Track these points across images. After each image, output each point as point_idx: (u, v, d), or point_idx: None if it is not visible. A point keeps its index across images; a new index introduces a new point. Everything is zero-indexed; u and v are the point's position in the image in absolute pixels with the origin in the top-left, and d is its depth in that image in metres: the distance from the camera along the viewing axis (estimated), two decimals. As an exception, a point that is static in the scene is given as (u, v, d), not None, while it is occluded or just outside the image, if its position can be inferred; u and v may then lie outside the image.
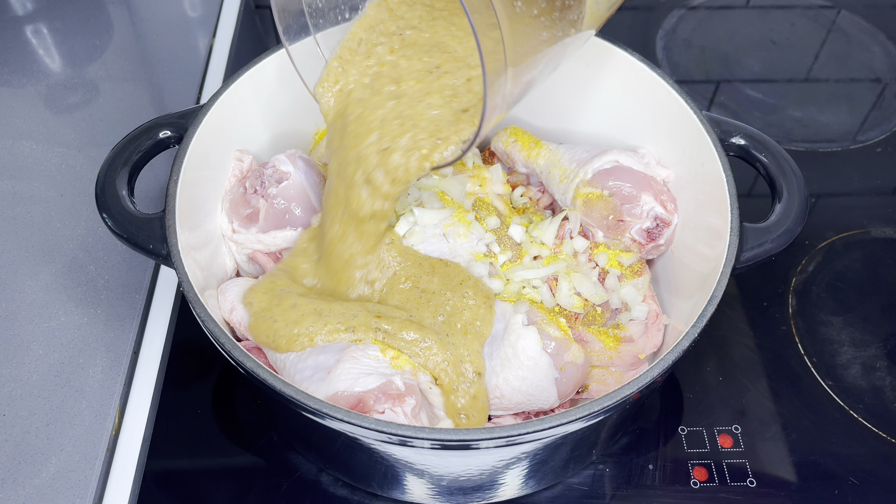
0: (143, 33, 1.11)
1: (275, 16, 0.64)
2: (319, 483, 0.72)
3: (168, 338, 0.80)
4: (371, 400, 0.58)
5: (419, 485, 0.65)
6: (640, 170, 0.75)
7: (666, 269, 0.76)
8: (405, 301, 0.67)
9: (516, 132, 0.82)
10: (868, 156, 1.01)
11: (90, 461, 0.71)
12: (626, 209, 0.73)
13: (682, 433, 0.75)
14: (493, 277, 0.70)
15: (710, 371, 0.80)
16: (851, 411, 0.77)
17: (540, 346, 0.63)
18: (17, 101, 1.00)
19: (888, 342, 0.83)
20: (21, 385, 0.75)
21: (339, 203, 0.64)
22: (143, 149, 0.68)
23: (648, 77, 0.74)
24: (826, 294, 0.86)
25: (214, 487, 0.71)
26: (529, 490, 0.70)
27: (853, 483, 0.72)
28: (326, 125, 0.68)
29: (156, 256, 0.63)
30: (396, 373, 0.61)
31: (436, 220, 0.71)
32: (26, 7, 1.12)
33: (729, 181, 0.66)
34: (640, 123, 0.78)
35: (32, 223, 0.87)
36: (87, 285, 0.82)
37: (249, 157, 0.77)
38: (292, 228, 0.73)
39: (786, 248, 0.64)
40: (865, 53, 1.16)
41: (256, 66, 0.75)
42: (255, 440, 0.74)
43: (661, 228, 0.73)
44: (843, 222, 0.93)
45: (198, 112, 0.70)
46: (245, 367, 0.56)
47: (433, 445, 0.53)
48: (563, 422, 0.53)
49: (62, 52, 1.07)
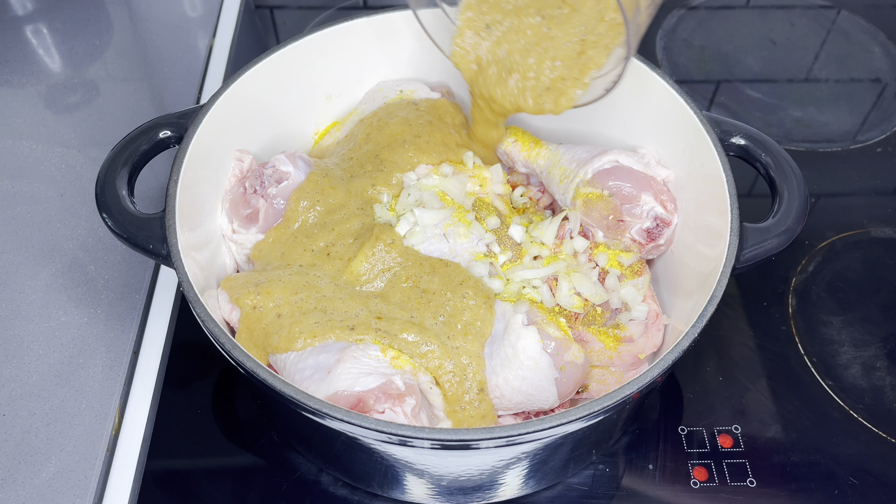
0: (143, 33, 1.11)
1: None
2: (319, 483, 0.72)
3: (168, 338, 0.80)
4: (371, 400, 0.58)
5: (419, 485, 0.65)
6: (640, 170, 0.75)
7: (666, 269, 0.76)
8: (406, 300, 0.67)
9: (516, 132, 0.82)
10: (868, 156, 1.01)
11: (90, 461, 0.71)
12: (626, 209, 0.73)
13: (682, 433, 0.75)
14: (494, 277, 0.70)
15: (710, 371, 0.80)
16: (851, 411, 0.77)
17: (540, 346, 0.63)
18: (17, 101, 1.00)
19: (888, 342, 0.83)
20: (21, 385, 0.75)
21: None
22: (143, 149, 0.68)
23: (648, 77, 0.74)
24: (826, 294, 0.86)
25: (214, 487, 0.71)
26: (529, 490, 0.70)
27: (853, 483, 0.72)
28: (467, 81, 0.76)
29: (156, 256, 0.63)
30: (397, 373, 0.61)
31: (436, 220, 0.71)
32: (26, 7, 1.12)
33: (729, 181, 0.66)
34: (640, 123, 0.78)
35: (32, 223, 0.87)
36: (87, 285, 0.82)
37: (249, 157, 0.77)
38: (292, 228, 0.73)
39: (786, 248, 0.64)
40: (865, 53, 1.16)
41: (256, 66, 0.75)
42: (255, 440, 0.74)
43: (661, 228, 0.73)
44: (843, 222, 0.93)
45: (198, 112, 0.70)
46: (245, 367, 0.56)
47: (433, 445, 0.53)
48: (563, 422, 0.53)
49: (62, 52, 1.07)
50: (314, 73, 0.81)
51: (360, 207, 0.73)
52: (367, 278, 0.68)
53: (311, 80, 0.82)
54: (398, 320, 0.65)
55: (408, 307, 0.66)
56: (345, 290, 0.67)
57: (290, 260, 0.70)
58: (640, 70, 0.75)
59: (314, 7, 1.20)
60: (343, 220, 0.72)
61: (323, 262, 0.70)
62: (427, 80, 0.86)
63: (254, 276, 0.69)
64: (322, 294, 0.67)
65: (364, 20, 0.80)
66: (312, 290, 0.67)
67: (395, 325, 0.64)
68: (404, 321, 0.65)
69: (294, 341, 0.63)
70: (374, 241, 0.69)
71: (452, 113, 0.82)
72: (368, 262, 0.68)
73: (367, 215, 0.73)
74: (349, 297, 0.67)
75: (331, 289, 0.67)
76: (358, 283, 0.68)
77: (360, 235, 0.71)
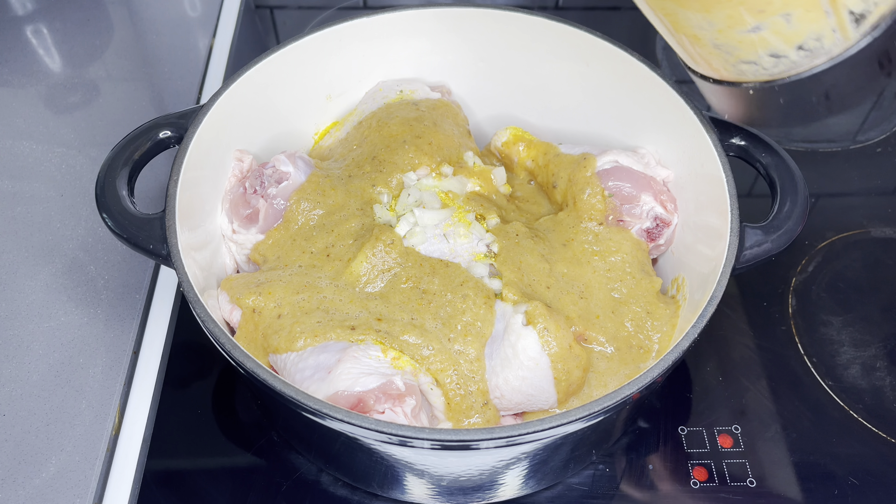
0: (143, 33, 1.11)
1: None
2: (319, 483, 0.72)
3: (168, 338, 0.80)
4: (371, 400, 0.58)
5: (419, 485, 0.65)
6: (640, 170, 0.75)
7: (666, 269, 0.76)
8: (406, 301, 0.67)
9: (516, 132, 0.82)
10: (868, 156, 1.01)
11: (90, 461, 0.71)
12: (626, 209, 0.73)
13: (682, 433, 0.75)
14: (494, 277, 0.70)
15: (710, 371, 0.80)
16: (851, 411, 0.77)
17: (540, 346, 0.63)
18: (17, 101, 1.00)
19: (888, 342, 0.83)
20: (21, 385, 0.75)
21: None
22: (143, 149, 0.68)
23: (648, 77, 0.74)
24: (826, 294, 0.86)
25: (214, 487, 0.71)
26: (529, 490, 0.70)
27: (853, 483, 0.72)
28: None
29: (156, 256, 0.63)
30: (397, 373, 0.61)
31: (436, 220, 0.71)
32: (26, 7, 1.12)
33: (729, 181, 0.66)
34: (640, 123, 0.78)
35: (32, 223, 0.87)
36: (87, 285, 0.82)
37: (249, 157, 0.77)
38: (292, 228, 0.73)
39: (786, 248, 0.64)
40: (865, 53, 1.16)
41: (256, 66, 0.75)
42: (255, 440, 0.74)
43: (661, 228, 0.73)
44: (843, 222, 0.93)
45: (198, 112, 0.70)
46: (245, 367, 0.56)
47: (433, 446, 0.53)
48: (563, 422, 0.53)
49: (62, 52, 1.07)
50: (314, 73, 0.81)
51: (359, 208, 0.73)
52: (367, 279, 0.68)
53: (311, 80, 0.82)
54: (399, 322, 0.65)
55: (408, 308, 0.66)
56: (345, 291, 0.67)
57: (289, 261, 0.70)
58: (640, 70, 0.75)
59: (314, 7, 1.20)
60: (343, 221, 0.72)
61: (323, 263, 0.70)
62: (427, 80, 0.86)
63: (254, 276, 0.69)
64: (323, 295, 0.67)
65: (364, 20, 0.80)
66: (313, 291, 0.67)
67: (396, 327, 0.64)
68: (405, 323, 0.65)
69: (294, 341, 0.63)
70: (374, 242, 0.69)
71: (453, 113, 0.82)
72: (368, 263, 0.68)
73: (366, 216, 0.73)
74: (350, 298, 0.67)
75: (331, 290, 0.67)
76: (358, 283, 0.68)
77: (359, 236, 0.71)
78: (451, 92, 0.87)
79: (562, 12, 1.21)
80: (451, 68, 0.86)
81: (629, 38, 1.16)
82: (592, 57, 0.78)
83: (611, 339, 0.68)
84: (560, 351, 0.63)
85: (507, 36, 0.82)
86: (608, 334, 0.68)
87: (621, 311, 0.69)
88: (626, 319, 0.69)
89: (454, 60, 0.85)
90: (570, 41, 0.79)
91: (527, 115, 0.87)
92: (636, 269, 0.72)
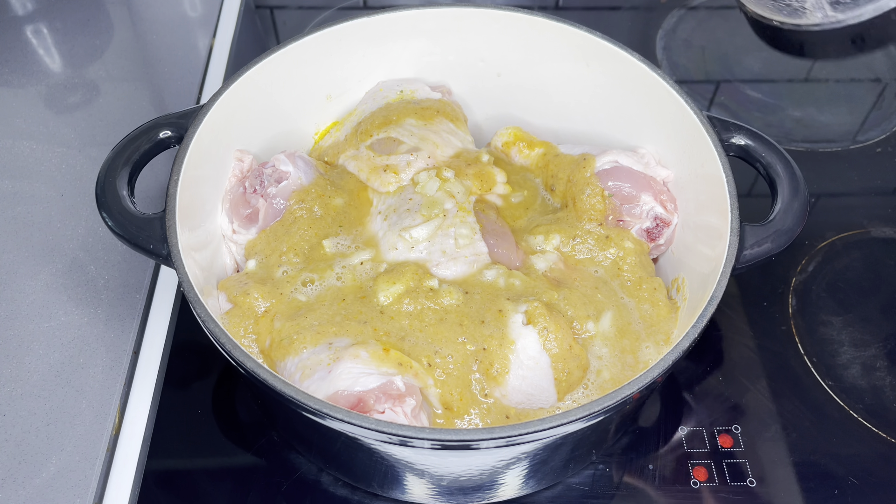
0: (143, 33, 1.11)
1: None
2: (319, 483, 0.72)
3: (168, 338, 0.80)
4: (371, 399, 0.58)
5: (419, 485, 0.65)
6: (640, 170, 0.75)
7: (666, 269, 0.76)
8: (421, 328, 0.65)
9: (516, 132, 0.82)
10: (868, 156, 1.01)
11: (90, 461, 0.71)
12: (626, 209, 0.73)
13: (682, 433, 0.75)
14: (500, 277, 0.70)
15: (710, 371, 0.80)
16: (851, 411, 0.77)
17: (540, 345, 0.63)
18: (17, 101, 1.00)
19: (888, 342, 0.83)
20: (21, 385, 0.75)
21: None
22: (143, 149, 0.68)
23: (648, 77, 0.74)
24: (826, 294, 0.87)
25: (214, 487, 0.71)
26: (529, 490, 0.70)
27: (853, 483, 0.72)
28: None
29: (156, 256, 0.63)
30: (397, 373, 0.61)
31: (426, 233, 0.70)
32: (26, 7, 1.12)
33: (729, 181, 0.66)
34: (640, 123, 0.78)
35: (32, 223, 0.87)
36: (87, 285, 0.82)
37: (249, 157, 0.77)
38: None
39: (786, 248, 0.64)
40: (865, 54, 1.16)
41: (256, 66, 0.75)
42: (255, 440, 0.74)
43: (661, 228, 0.73)
44: (843, 222, 0.93)
45: (198, 112, 0.70)
46: (245, 367, 0.56)
47: (433, 445, 0.53)
48: (563, 422, 0.53)
49: (62, 52, 1.07)
50: (314, 73, 0.81)
51: (358, 209, 0.73)
52: (388, 305, 0.66)
53: (311, 80, 0.82)
54: (407, 341, 0.64)
55: (425, 336, 0.64)
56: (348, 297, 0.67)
57: (288, 261, 0.70)
58: (640, 70, 0.75)
59: (314, 7, 1.20)
60: (342, 222, 0.72)
61: (324, 266, 0.70)
62: (427, 80, 0.86)
63: (254, 276, 0.69)
64: (323, 295, 0.67)
65: (364, 20, 0.80)
66: (314, 292, 0.67)
67: (405, 346, 0.63)
68: (416, 345, 0.63)
69: (295, 342, 0.63)
70: (392, 279, 0.67)
71: (453, 113, 0.82)
72: (384, 295, 0.66)
73: (366, 216, 0.73)
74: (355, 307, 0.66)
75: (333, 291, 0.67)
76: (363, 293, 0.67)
77: (358, 238, 0.71)
78: (451, 92, 0.87)
79: (562, 12, 1.22)
80: (451, 68, 0.86)
81: (629, 38, 1.16)
82: (592, 57, 0.78)
83: (611, 338, 0.68)
84: (560, 351, 0.63)
85: (507, 36, 0.82)
86: (608, 334, 0.68)
87: (622, 312, 0.69)
88: (627, 319, 0.69)
89: (454, 60, 0.85)
90: (570, 41, 0.79)
91: (527, 115, 0.87)
92: (636, 268, 0.72)
